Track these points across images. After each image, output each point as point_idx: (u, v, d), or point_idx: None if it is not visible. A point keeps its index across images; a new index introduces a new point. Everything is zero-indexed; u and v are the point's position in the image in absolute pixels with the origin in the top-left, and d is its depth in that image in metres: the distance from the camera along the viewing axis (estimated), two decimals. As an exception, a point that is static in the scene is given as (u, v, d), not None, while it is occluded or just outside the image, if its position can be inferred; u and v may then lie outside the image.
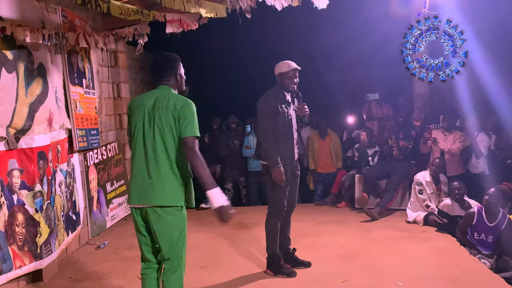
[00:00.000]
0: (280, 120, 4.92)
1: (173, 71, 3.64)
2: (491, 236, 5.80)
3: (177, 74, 3.67)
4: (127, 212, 7.58)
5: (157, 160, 3.46)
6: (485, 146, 7.24)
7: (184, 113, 3.43)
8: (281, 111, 4.92)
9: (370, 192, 7.77)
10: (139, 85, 9.37)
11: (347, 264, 5.30)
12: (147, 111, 3.52)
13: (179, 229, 3.51)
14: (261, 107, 4.97)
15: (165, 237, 3.49)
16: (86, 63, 6.33)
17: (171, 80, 3.65)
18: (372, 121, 8.56)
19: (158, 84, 3.65)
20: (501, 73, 6.53)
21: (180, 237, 3.52)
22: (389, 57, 8.79)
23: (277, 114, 4.91)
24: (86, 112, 6.17)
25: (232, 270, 5.21)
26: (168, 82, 3.64)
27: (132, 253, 5.92)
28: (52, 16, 5.39)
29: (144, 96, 3.64)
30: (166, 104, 3.46)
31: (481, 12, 6.29)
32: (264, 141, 4.91)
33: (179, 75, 3.69)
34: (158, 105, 3.48)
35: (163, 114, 3.45)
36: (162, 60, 3.68)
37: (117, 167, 7.36)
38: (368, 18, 8.78)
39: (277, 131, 4.91)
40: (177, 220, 3.50)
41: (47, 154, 5.06)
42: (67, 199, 5.64)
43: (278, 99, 4.97)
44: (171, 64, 3.66)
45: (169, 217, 3.47)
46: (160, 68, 3.66)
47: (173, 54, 3.71)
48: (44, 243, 4.91)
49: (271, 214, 5.05)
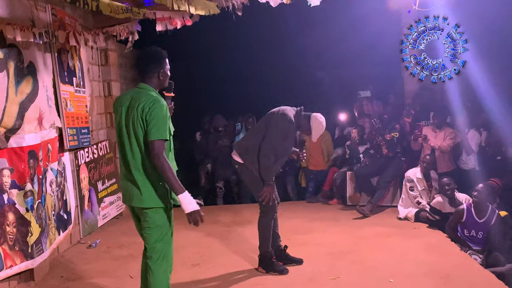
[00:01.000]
0: (288, 143, 4.99)
1: (156, 69, 3.58)
2: (481, 232, 5.83)
3: (160, 72, 3.59)
4: (119, 211, 7.56)
5: (134, 163, 3.49)
6: (476, 143, 7.28)
7: (151, 115, 3.37)
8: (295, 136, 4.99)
9: (362, 189, 7.79)
10: (130, 83, 9.32)
11: (339, 261, 5.32)
12: (123, 113, 3.51)
13: (160, 229, 3.54)
14: (280, 126, 4.91)
15: (147, 236, 3.55)
16: (77, 61, 6.30)
17: (153, 77, 3.58)
18: (363, 118, 8.57)
19: (140, 82, 3.60)
20: (490, 70, 6.57)
21: (162, 237, 3.55)
22: (381, 54, 8.84)
23: (291, 138, 5.01)
24: (76, 110, 6.14)
25: (224, 267, 5.21)
26: (149, 80, 3.58)
27: (124, 252, 5.91)
28: (41, 14, 5.36)
29: (123, 96, 3.62)
30: (137, 107, 3.42)
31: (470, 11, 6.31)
32: (265, 157, 4.86)
33: (162, 72, 3.60)
34: (131, 108, 3.46)
35: (135, 117, 3.42)
36: (145, 56, 3.61)
37: (108, 166, 7.34)
38: (360, 15, 8.81)
39: (280, 152, 4.97)
40: (158, 221, 3.52)
41: (37, 153, 5.03)
42: (58, 198, 5.61)
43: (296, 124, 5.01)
44: (154, 61, 3.58)
45: (150, 218, 3.51)
46: (143, 65, 3.59)
47: (158, 49, 3.63)
48: (35, 242, 4.89)
49: (264, 213, 5.06)
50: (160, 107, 3.40)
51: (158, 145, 3.36)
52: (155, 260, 3.55)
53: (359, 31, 8.96)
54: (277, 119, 4.91)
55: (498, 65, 6.63)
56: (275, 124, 4.90)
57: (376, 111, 8.40)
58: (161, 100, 3.47)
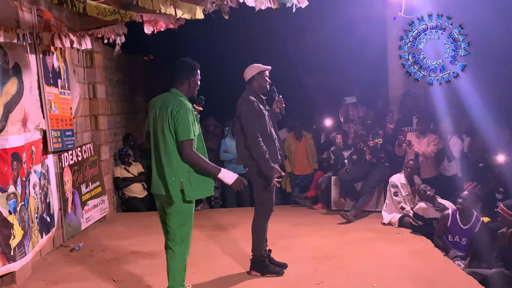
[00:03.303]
0: (264, 123, 4.94)
1: (187, 77, 4.13)
2: (464, 238, 5.89)
3: (191, 80, 4.14)
4: (102, 214, 7.51)
5: (164, 158, 4.00)
6: (458, 150, 7.34)
7: (178, 117, 3.91)
8: (265, 114, 4.96)
9: (347, 194, 7.82)
10: (115, 86, 9.30)
11: (323, 265, 5.33)
12: (156, 114, 4.04)
13: (181, 217, 4.07)
14: (245, 112, 4.94)
15: (170, 223, 4.10)
16: (62, 63, 6.26)
17: (184, 84, 4.13)
18: (348, 124, 8.61)
19: (171, 87, 4.14)
20: (474, 76, 6.60)
21: (183, 224, 4.08)
22: (367, 60, 8.91)
23: (262, 117, 4.94)
24: (61, 112, 6.09)
25: (209, 271, 5.19)
26: (180, 86, 4.13)
27: (107, 256, 5.87)
28: (27, 15, 5.32)
29: (156, 99, 4.15)
30: (166, 109, 3.96)
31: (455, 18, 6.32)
32: (254, 147, 4.83)
33: (192, 81, 4.15)
34: (162, 109, 3.99)
35: (164, 118, 3.96)
36: (179, 65, 4.17)
37: (93, 169, 7.29)
38: (346, 22, 8.88)
39: (264, 132, 4.93)
40: (180, 210, 4.05)
41: (21, 155, 4.98)
42: (41, 201, 5.56)
43: (259, 102, 5.00)
44: (186, 70, 4.14)
45: (174, 208, 4.04)
46: (176, 73, 4.14)
47: (192, 61, 4.19)
48: (18, 245, 4.84)
49: (260, 215, 5.04)
50: (185, 111, 3.94)
51: (186, 144, 3.93)
52: (176, 242, 4.08)
53: (345, 38, 9.03)
54: (241, 107, 5.00)
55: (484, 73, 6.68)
56: (242, 111, 4.97)
57: (361, 117, 8.45)
58: (187, 104, 4.02)
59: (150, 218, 7.60)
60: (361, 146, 7.59)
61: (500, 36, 7.61)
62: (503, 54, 7.74)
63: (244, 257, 5.42)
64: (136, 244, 6.30)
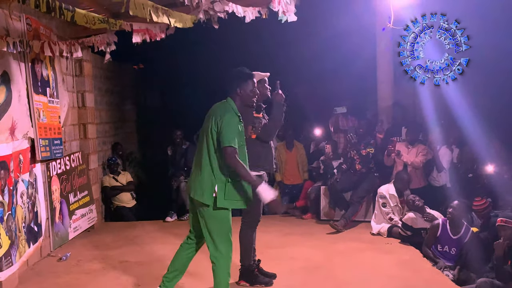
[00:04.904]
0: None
1: (236, 86, 4.23)
2: (454, 248, 5.89)
3: (241, 89, 4.22)
4: (90, 224, 7.45)
5: (201, 162, 4.08)
6: (447, 160, 7.38)
7: (222, 124, 4.00)
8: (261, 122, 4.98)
9: (336, 204, 7.82)
10: (104, 95, 9.26)
11: (312, 276, 5.32)
12: (208, 120, 4.14)
13: (211, 226, 4.06)
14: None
15: (203, 230, 4.12)
16: (50, 71, 6.23)
17: (235, 93, 4.23)
18: (338, 134, 8.63)
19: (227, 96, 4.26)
20: (463, 85, 6.60)
21: (215, 234, 4.06)
22: (356, 71, 8.95)
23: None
24: (49, 121, 6.06)
25: (197, 282, 5.15)
26: (232, 95, 4.24)
27: (95, 266, 5.82)
28: (16, 23, 5.31)
29: (213, 106, 4.27)
30: (213, 116, 4.08)
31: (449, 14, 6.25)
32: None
33: (243, 90, 4.23)
34: (213, 115, 4.10)
35: (212, 124, 4.05)
36: (231, 74, 4.31)
37: (81, 178, 7.24)
38: (335, 33, 8.92)
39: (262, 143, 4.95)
40: (210, 217, 4.05)
41: (8, 164, 4.95)
42: (28, 210, 5.51)
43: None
44: (235, 79, 4.26)
45: (203, 213, 4.08)
46: (228, 82, 4.28)
47: (243, 70, 4.32)
48: (4, 255, 4.79)
49: (247, 225, 5.03)
50: (228, 119, 4.03)
51: (229, 150, 3.96)
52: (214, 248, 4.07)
53: (335, 48, 9.07)
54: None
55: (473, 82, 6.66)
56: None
57: (351, 126, 8.48)
58: (232, 112, 4.10)
59: (139, 227, 7.55)
60: (352, 155, 7.61)
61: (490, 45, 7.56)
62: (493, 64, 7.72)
63: (233, 267, 5.37)
64: (124, 254, 6.25)
